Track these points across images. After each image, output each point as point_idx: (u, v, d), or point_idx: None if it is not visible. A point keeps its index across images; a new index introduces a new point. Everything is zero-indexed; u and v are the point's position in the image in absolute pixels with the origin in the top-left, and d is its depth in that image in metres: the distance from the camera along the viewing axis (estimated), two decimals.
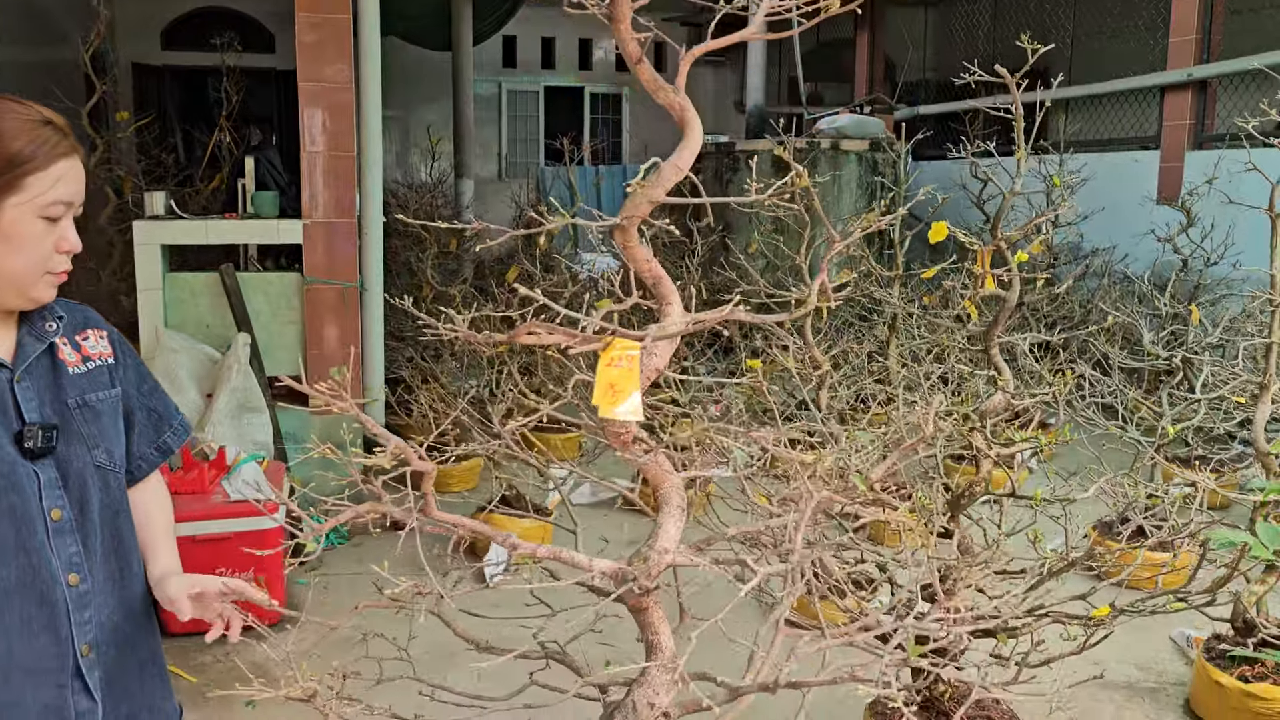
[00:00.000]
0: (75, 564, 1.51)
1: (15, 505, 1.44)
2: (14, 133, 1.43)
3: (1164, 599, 2.71)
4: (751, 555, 3.01)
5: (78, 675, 1.51)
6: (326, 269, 4.96)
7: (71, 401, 1.55)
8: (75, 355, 1.59)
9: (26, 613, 1.45)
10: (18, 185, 1.42)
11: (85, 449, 1.55)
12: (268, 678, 3.82)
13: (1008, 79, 2.64)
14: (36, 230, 1.45)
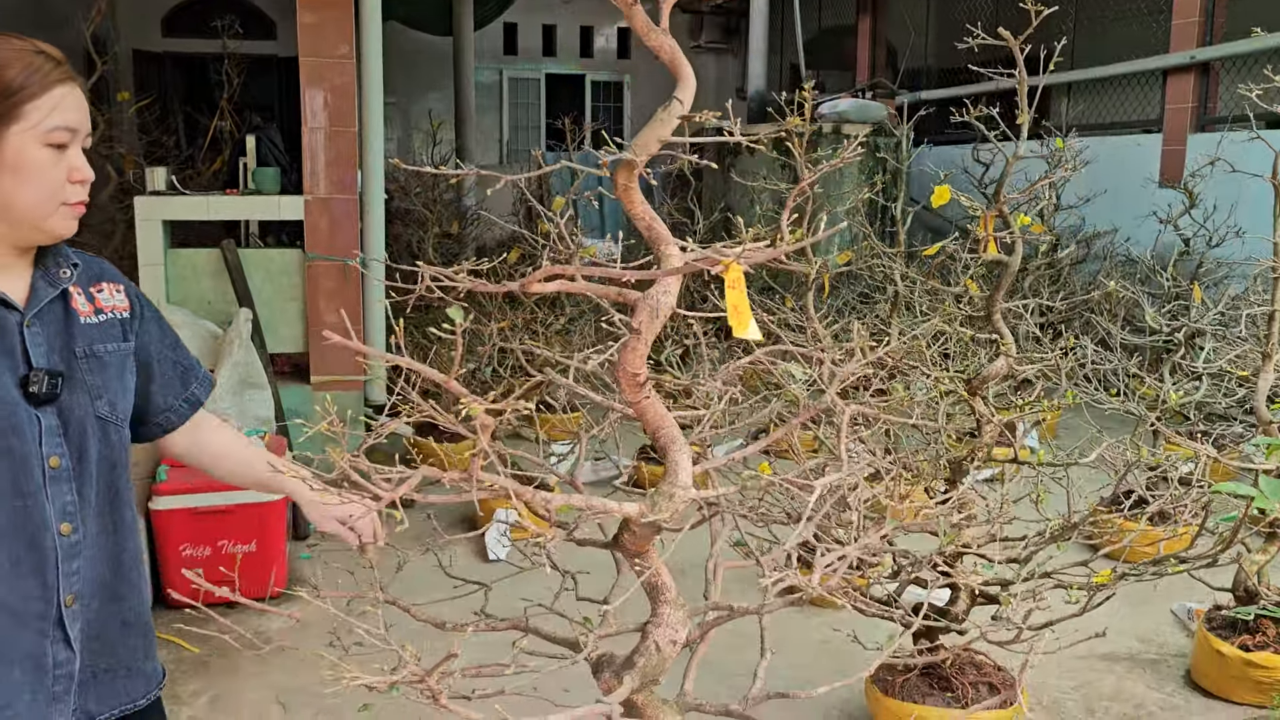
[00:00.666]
0: (69, 513, 1.50)
1: (14, 448, 1.43)
2: (7, 61, 1.41)
3: (1167, 563, 2.70)
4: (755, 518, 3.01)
5: (59, 625, 1.50)
6: (328, 245, 4.95)
7: (79, 350, 1.54)
8: (88, 306, 1.58)
9: (15, 554, 1.44)
10: (16, 113, 1.41)
11: (89, 399, 1.54)
12: (270, 646, 3.82)
13: (1011, 42, 2.63)
14: (43, 159, 1.44)
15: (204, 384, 1.77)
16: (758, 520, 3.25)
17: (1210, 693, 3.39)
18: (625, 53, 15.87)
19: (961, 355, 4.20)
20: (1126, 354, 5.18)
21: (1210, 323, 4.67)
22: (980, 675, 3.01)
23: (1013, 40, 2.63)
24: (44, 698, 1.48)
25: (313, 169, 4.91)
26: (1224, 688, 3.34)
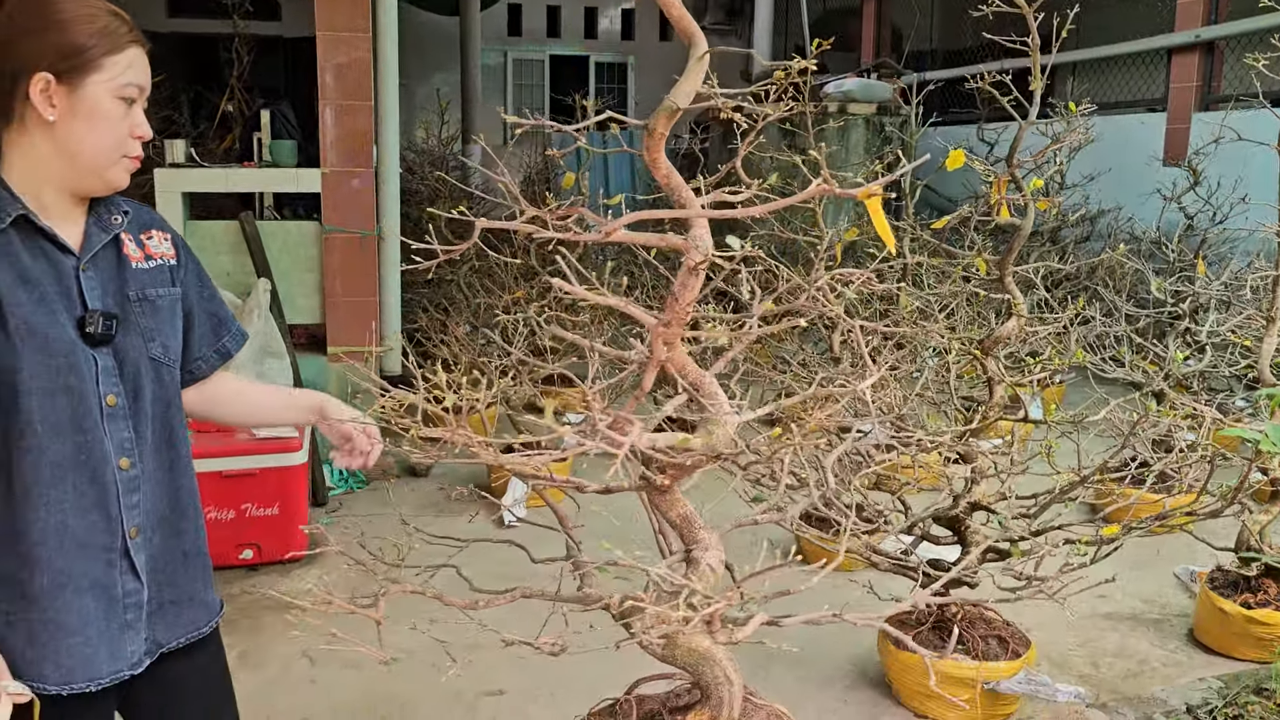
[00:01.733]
0: (126, 449, 1.57)
1: (73, 386, 1.50)
2: (92, 16, 1.50)
3: (1172, 516, 2.78)
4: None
5: (125, 555, 1.57)
6: (345, 218, 5.02)
7: (132, 294, 1.61)
8: (139, 251, 1.64)
9: (80, 487, 1.52)
10: (98, 64, 1.50)
11: (142, 341, 1.60)
12: (294, 606, 3.92)
13: (1025, 9, 2.69)
14: (115, 111, 1.52)
15: (236, 337, 1.83)
16: (772, 484, 3.33)
17: (1212, 649, 3.48)
18: (629, 34, 15.89)
19: (970, 322, 4.27)
20: (1131, 326, 5.25)
21: (1214, 295, 4.74)
22: (990, 629, 3.10)
23: (1026, 8, 2.69)
24: (116, 626, 1.57)
25: (329, 142, 4.97)
26: (1226, 644, 3.43)
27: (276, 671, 3.33)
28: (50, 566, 1.49)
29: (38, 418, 1.47)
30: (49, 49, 1.47)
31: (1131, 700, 2.77)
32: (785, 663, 3.35)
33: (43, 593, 1.49)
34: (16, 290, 1.47)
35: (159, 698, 1.68)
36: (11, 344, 1.45)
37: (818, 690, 3.19)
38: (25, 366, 1.46)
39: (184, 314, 1.72)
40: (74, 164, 1.52)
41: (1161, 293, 4.27)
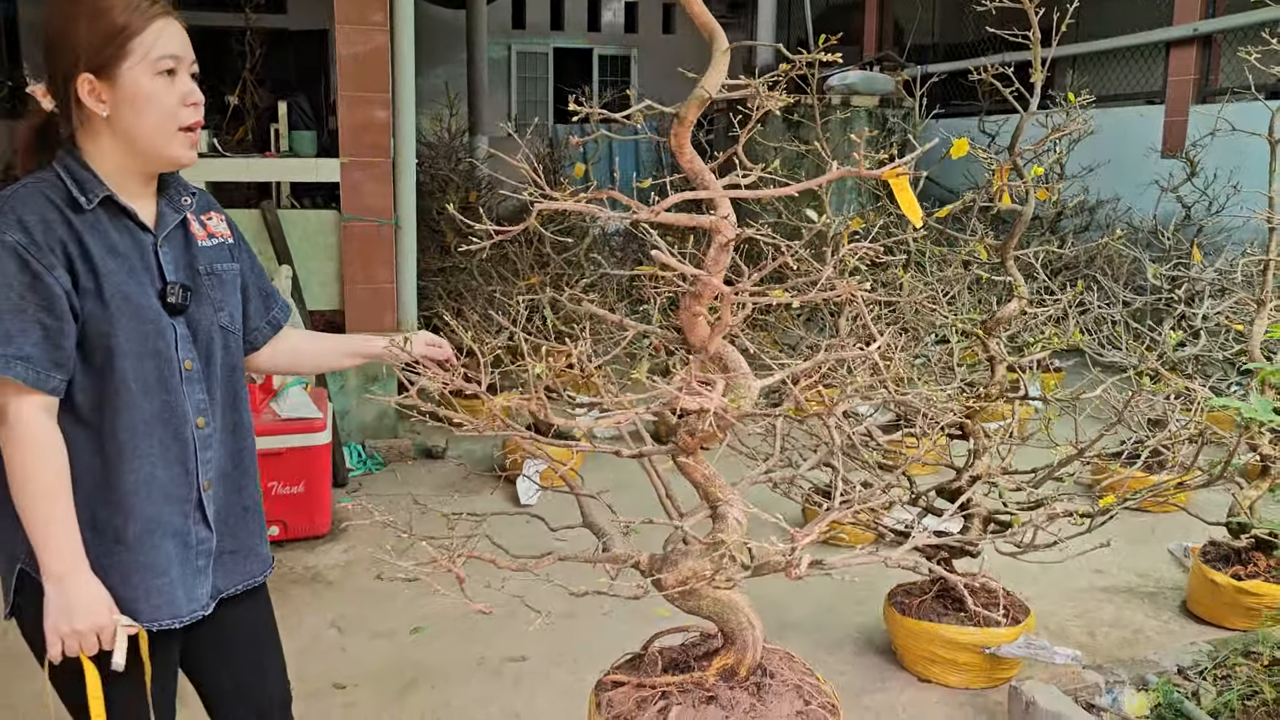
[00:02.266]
0: (201, 409, 1.72)
1: (160, 350, 1.65)
2: (109, 5, 1.60)
3: (1164, 488, 2.92)
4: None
5: (199, 507, 1.73)
6: (363, 207, 5.15)
7: (202, 269, 1.76)
8: (203, 230, 1.79)
9: (165, 443, 1.67)
10: (125, 50, 1.60)
11: (212, 310, 1.76)
12: (321, 581, 4.07)
13: (1027, 5, 2.82)
14: (157, 87, 1.62)
15: (284, 310, 2.00)
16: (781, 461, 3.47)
17: (1204, 620, 3.62)
18: (632, 27, 15.99)
19: (973, 307, 4.40)
20: (1129, 311, 5.39)
21: (1209, 282, 4.88)
22: (991, 598, 3.24)
23: (1027, 4, 2.82)
24: (191, 570, 1.73)
25: (348, 133, 5.11)
26: (1217, 614, 3.58)
27: (307, 641, 3.47)
28: (141, 514, 1.65)
29: (131, 378, 1.62)
30: (83, 48, 1.59)
31: (1125, 663, 2.91)
32: (797, 630, 3.49)
33: (135, 538, 1.65)
34: (109, 261, 1.61)
35: (215, 640, 1.84)
36: (108, 311, 1.60)
37: (827, 655, 3.33)
38: (120, 331, 1.61)
39: (241, 288, 1.87)
40: (135, 148, 1.65)
41: (1158, 279, 4.41)
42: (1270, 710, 2.58)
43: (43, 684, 1.67)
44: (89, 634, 1.59)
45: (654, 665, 2.06)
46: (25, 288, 1.54)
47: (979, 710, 3.03)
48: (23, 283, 1.54)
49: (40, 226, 1.57)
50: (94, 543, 1.63)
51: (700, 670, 1.92)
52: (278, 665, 1.99)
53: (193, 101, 1.67)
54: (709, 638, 2.09)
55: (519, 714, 3.03)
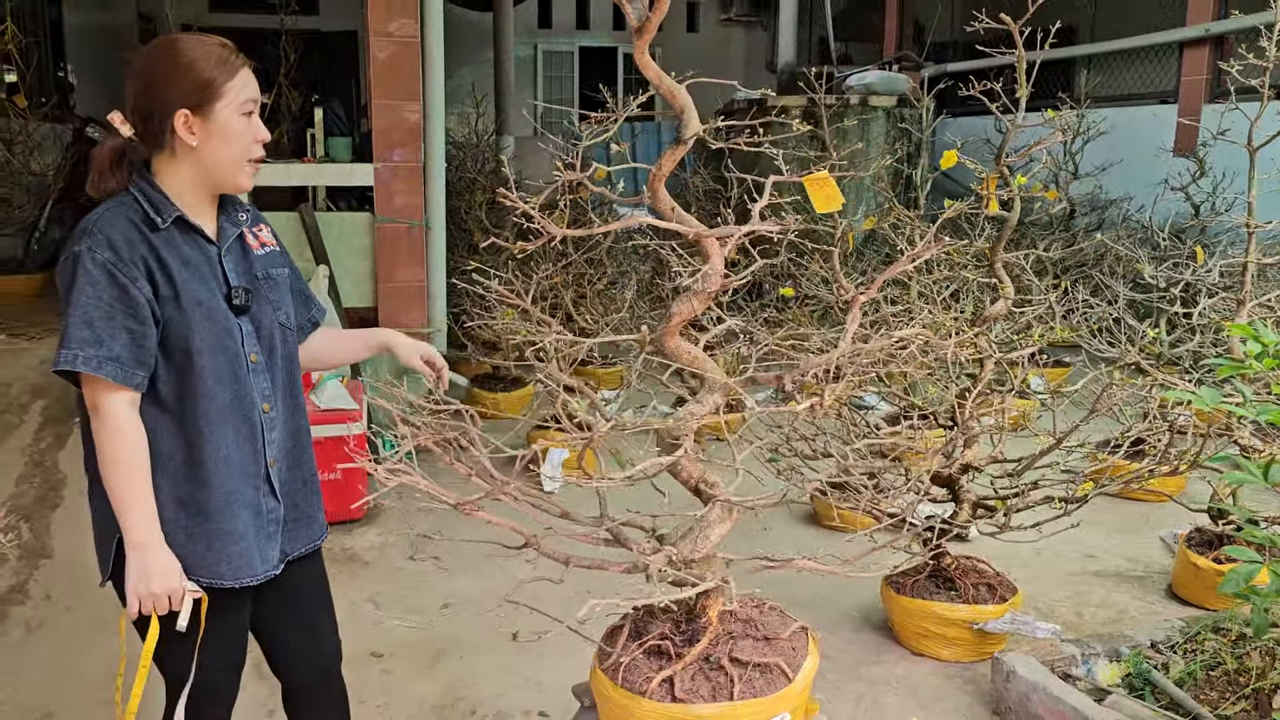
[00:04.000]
0: (266, 395, 2.00)
1: (229, 346, 1.93)
2: (207, 54, 1.89)
3: (1141, 475, 3.13)
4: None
5: (267, 480, 2.01)
6: (395, 209, 5.43)
7: (259, 274, 2.04)
8: (255, 241, 2.08)
9: (237, 426, 1.95)
10: (220, 92, 1.88)
11: (271, 309, 2.04)
12: (357, 561, 4.35)
13: (1011, 26, 3.04)
14: (239, 126, 1.91)
15: (320, 311, 2.28)
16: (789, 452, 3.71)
17: (1188, 602, 3.82)
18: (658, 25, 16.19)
19: (976, 304, 4.61)
20: (1131, 310, 5.57)
21: (1208, 281, 5.06)
22: (981, 578, 3.46)
23: (1013, 24, 3.04)
24: (263, 535, 2.02)
25: (381, 137, 5.38)
26: (1200, 596, 3.78)
27: (346, 615, 3.71)
28: (221, 489, 1.93)
29: (207, 371, 1.90)
30: (183, 89, 1.87)
31: (1102, 638, 3.12)
32: (800, 608, 3.71)
33: (216, 509, 1.93)
34: (183, 272, 1.90)
35: (282, 599, 2.14)
36: (185, 315, 1.88)
37: (827, 633, 3.56)
38: (197, 332, 1.89)
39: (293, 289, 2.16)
40: (212, 174, 1.94)
41: (1154, 278, 4.60)
42: (1230, 679, 2.79)
43: (120, 638, 1.97)
44: (162, 595, 1.86)
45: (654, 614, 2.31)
46: (114, 299, 1.82)
47: (967, 681, 3.26)
48: (112, 294, 1.81)
49: (125, 245, 1.83)
50: (182, 516, 1.91)
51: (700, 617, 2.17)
52: (332, 621, 2.29)
53: (261, 139, 1.96)
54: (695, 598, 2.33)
55: (541, 682, 3.29)
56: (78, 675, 3.26)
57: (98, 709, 3.08)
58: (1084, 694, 2.81)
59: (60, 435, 5.09)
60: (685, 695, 2.06)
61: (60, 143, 9.18)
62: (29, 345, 6.25)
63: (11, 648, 3.41)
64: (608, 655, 2.21)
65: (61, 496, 4.54)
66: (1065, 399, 3.50)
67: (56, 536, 4.19)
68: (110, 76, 12.05)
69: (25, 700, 3.12)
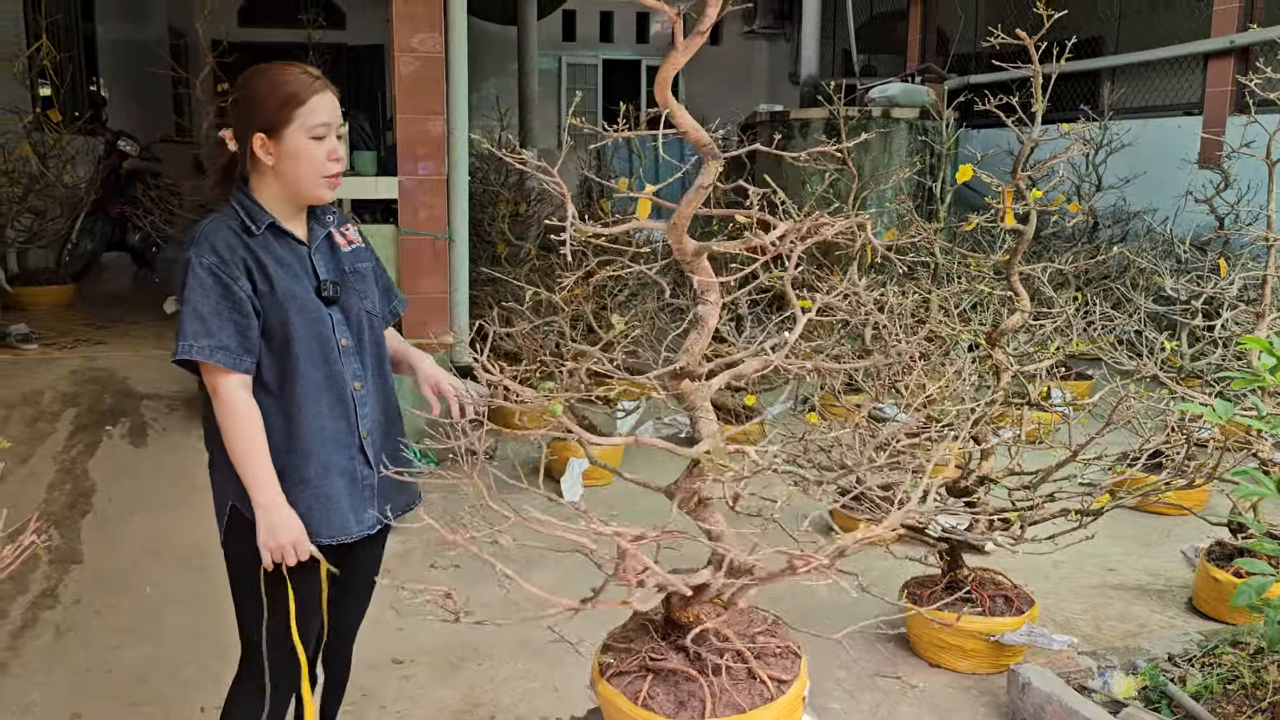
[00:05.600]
0: (357, 375, 2.24)
1: (321, 332, 2.18)
2: (283, 83, 2.12)
3: (1157, 488, 3.13)
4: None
5: (361, 450, 2.25)
6: (418, 221, 5.50)
7: (347, 268, 2.26)
8: (343, 240, 2.30)
9: (331, 403, 2.19)
10: (292, 117, 2.11)
11: (358, 299, 2.26)
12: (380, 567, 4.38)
13: (1027, 41, 3.06)
14: (310, 147, 2.13)
15: (401, 303, 2.48)
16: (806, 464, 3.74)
17: (1208, 616, 3.81)
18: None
19: (992, 317, 4.62)
20: (1155, 324, 5.55)
21: (1231, 294, 5.04)
22: (998, 590, 3.47)
23: (1027, 39, 3.06)
24: (359, 500, 2.24)
25: (405, 150, 5.46)
26: (1221, 610, 3.76)
27: (367, 621, 3.78)
28: (318, 459, 2.16)
29: (303, 355, 2.15)
30: (260, 114, 2.12)
31: (1119, 650, 3.12)
32: (817, 617, 3.73)
33: (314, 476, 2.16)
34: (278, 270, 2.14)
35: (354, 559, 2.34)
36: (282, 306, 2.12)
37: (846, 640, 3.57)
38: (292, 321, 2.13)
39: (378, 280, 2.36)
40: (291, 190, 2.18)
41: (1175, 291, 4.59)
42: (1248, 693, 2.79)
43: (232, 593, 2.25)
44: (288, 546, 2.09)
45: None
46: (220, 296, 2.08)
47: (983, 692, 3.27)
48: (218, 293, 2.08)
49: (226, 249, 2.10)
50: (283, 485, 2.11)
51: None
52: (365, 596, 2.53)
53: (335, 158, 2.17)
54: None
55: (558, 689, 3.32)
56: (106, 677, 3.33)
57: (126, 710, 3.15)
58: (1100, 706, 2.81)
59: (90, 443, 5.18)
60: (659, 708, 2.11)
61: (92, 156, 9.34)
62: (61, 355, 6.37)
63: (42, 650, 3.49)
64: (608, 665, 2.26)
65: (91, 504, 4.63)
66: (1084, 411, 3.50)
67: (86, 542, 4.27)
68: (141, 91, 12.27)
69: (54, 702, 3.19)
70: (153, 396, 5.75)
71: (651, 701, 2.11)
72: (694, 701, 2.12)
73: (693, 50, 1.93)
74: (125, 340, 6.86)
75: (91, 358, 6.33)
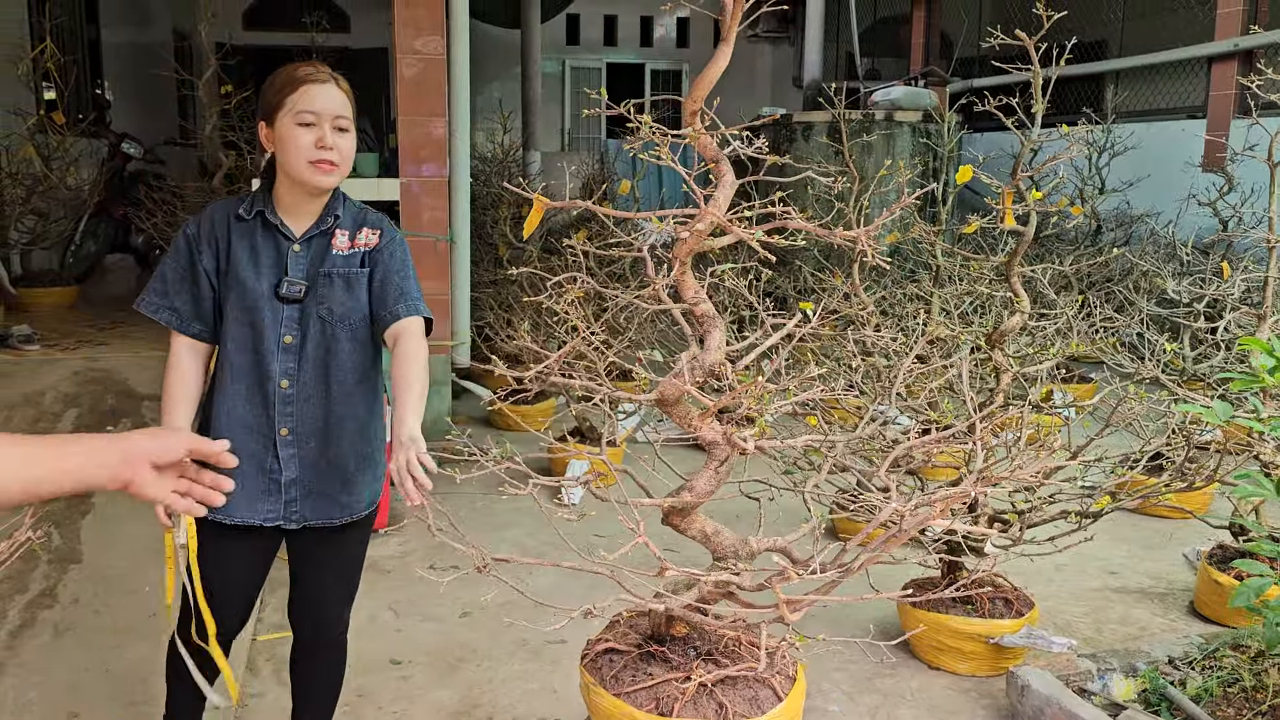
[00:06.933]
0: (289, 373, 2.25)
1: (254, 322, 2.23)
2: (283, 73, 2.23)
3: (1157, 491, 3.12)
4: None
5: (274, 445, 2.27)
6: (420, 223, 5.51)
7: (323, 271, 2.24)
8: (346, 243, 2.28)
9: (250, 389, 2.25)
10: (283, 104, 2.19)
11: (315, 303, 2.25)
12: (378, 570, 4.41)
13: (1027, 42, 3.06)
14: (295, 134, 2.18)
15: (409, 308, 2.26)
16: (807, 466, 3.73)
17: (1210, 619, 3.80)
18: (684, 42, 16.30)
19: (994, 319, 4.60)
20: (1157, 327, 5.54)
21: (1233, 296, 5.03)
22: (998, 593, 3.46)
23: (1028, 40, 3.06)
24: (259, 489, 2.26)
25: (407, 154, 5.46)
26: (1222, 614, 3.75)
27: (365, 622, 3.79)
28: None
29: (232, 338, 2.23)
30: (261, 106, 2.24)
31: (1119, 653, 3.11)
32: (816, 619, 3.73)
33: None
34: (243, 255, 2.21)
35: (302, 553, 2.40)
36: (228, 286, 2.21)
37: (842, 645, 3.57)
38: (231, 304, 2.21)
39: (378, 282, 2.27)
40: (289, 174, 2.22)
41: (1177, 293, 4.58)
42: (1248, 696, 2.77)
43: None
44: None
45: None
46: (186, 264, 2.24)
47: (982, 695, 3.26)
48: (185, 260, 2.24)
49: (209, 225, 2.25)
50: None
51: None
52: (340, 594, 2.48)
53: (323, 145, 2.18)
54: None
55: (556, 690, 3.32)
56: (104, 677, 3.33)
57: (125, 710, 3.15)
58: (1099, 709, 2.80)
59: None
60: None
61: (96, 158, 9.36)
62: (63, 356, 6.38)
63: (40, 649, 3.49)
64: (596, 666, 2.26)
65: (91, 503, 4.63)
66: (1085, 414, 3.49)
67: (85, 542, 4.27)
68: (145, 93, 12.31)
69: (53, 700, 3.19)
70: (153, 397, 5.76)
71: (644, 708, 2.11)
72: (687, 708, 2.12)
73: (723, 63, 1.94)
74: (127, 341, 6.88)
75: (93, 359, 6.34)
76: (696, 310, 2.15)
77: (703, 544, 2.31)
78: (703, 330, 2.23)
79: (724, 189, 2.04)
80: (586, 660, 2.39)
